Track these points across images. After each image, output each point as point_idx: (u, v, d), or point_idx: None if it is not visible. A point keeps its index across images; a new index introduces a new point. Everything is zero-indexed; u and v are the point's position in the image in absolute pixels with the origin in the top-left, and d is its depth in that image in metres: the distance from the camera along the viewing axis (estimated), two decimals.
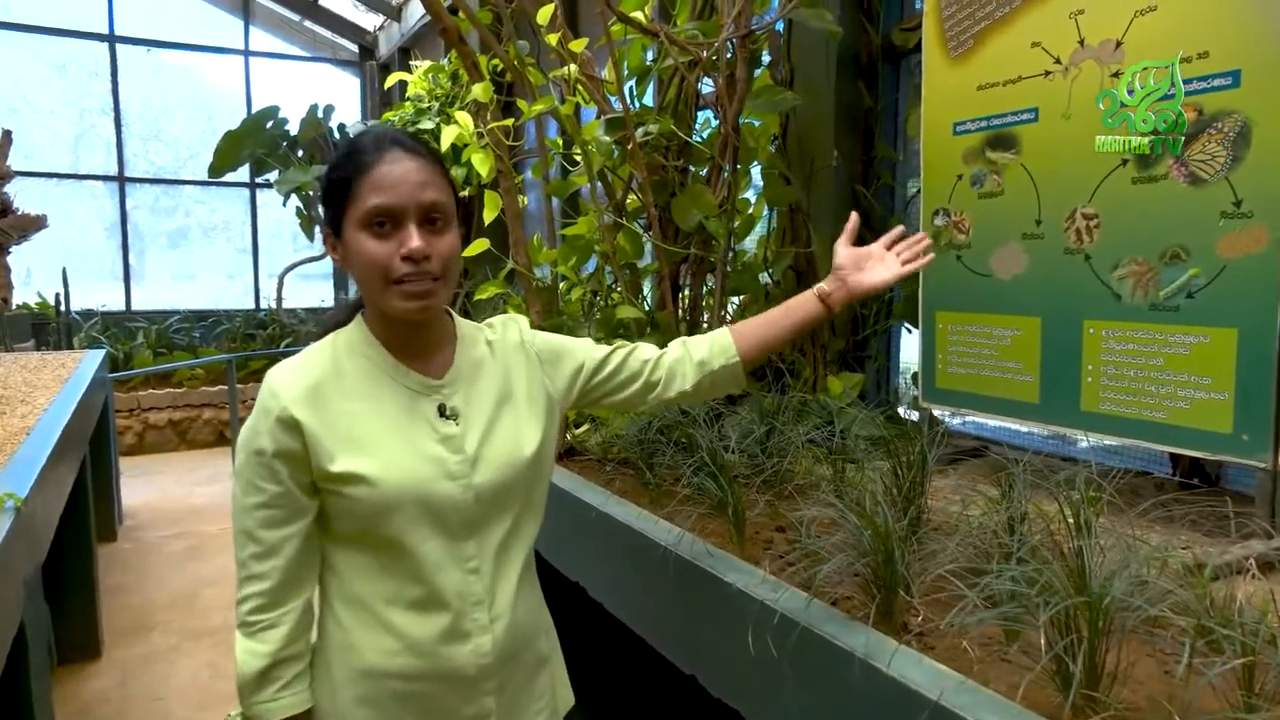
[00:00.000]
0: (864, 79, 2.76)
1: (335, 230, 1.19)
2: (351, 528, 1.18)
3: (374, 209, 1.12)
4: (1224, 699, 1.02)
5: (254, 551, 1.16)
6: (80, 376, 3.97)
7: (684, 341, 1.45)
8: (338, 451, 1.14)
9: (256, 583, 1.16)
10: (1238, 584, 1.15)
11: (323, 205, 1.21)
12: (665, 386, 1.42)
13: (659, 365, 1.43)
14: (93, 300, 8.60)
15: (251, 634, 1.16)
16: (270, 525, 1.15)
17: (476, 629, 1.20)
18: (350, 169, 1.15)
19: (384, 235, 1.13)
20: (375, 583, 1.19)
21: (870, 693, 1.18)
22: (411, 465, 1.17)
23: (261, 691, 1.16)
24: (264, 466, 1.14)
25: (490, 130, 2.43)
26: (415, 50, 8.61)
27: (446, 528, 1.19)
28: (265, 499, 1.15)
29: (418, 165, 1.15)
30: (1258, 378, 1.51)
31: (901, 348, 2.85)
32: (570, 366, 1.38)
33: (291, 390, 1.16)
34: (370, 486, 1.14)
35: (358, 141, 1.18)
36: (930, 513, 1.63)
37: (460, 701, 1.22)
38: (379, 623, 1.19)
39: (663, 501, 1.97)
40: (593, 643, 2.10)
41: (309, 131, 7.87)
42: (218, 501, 6.03)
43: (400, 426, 1.19)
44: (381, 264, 1.13)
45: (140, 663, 3.64)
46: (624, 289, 2.54)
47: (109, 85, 8.87)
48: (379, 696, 1.19)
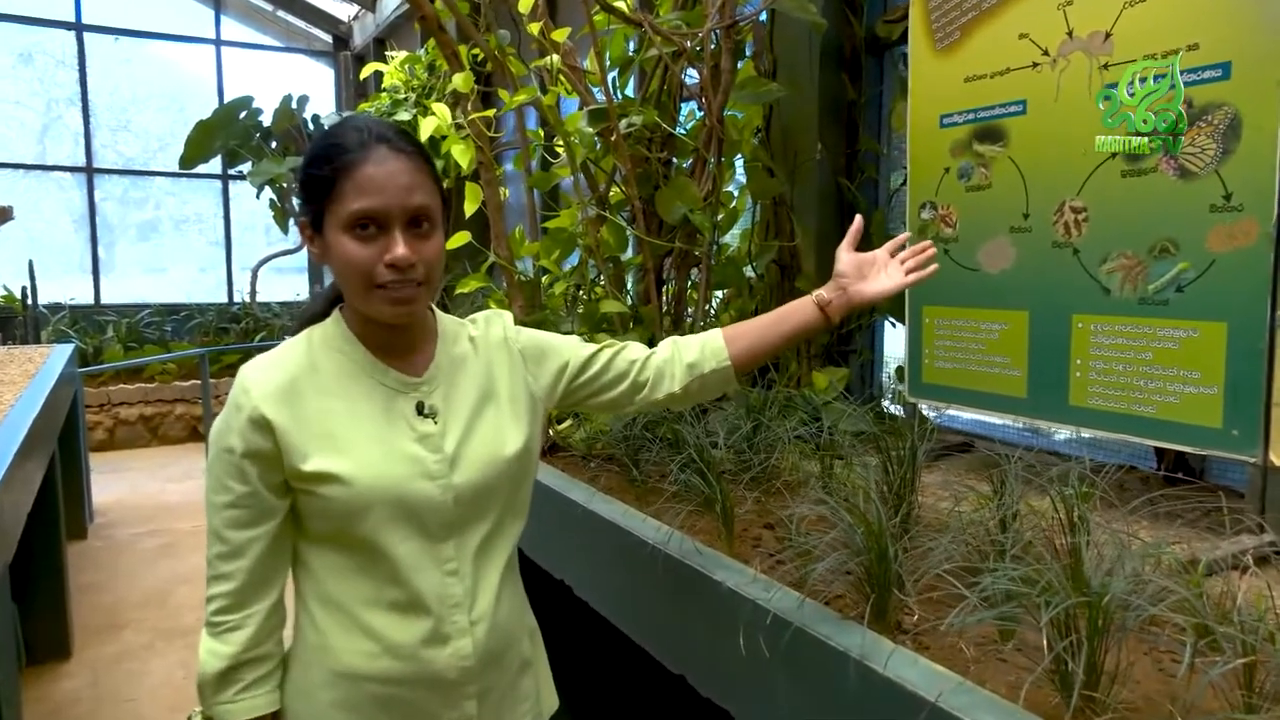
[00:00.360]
0: (848, 71, 2.74)
1: (315, 225, 1.13)
2: (326, 527, 1.15)
3: (358, 212, 1.08)
4: (1224, 698, 1.01)
5: (220, 551, 1.13)
6: (48, 371, 3.88)
7: (674, 341, 1.40)
8: (311, 450, 1.11)
9: (222, 583, 1.13)
10: (1233, 580, 1.14)
11: (301, 198, 1.16)
12: (653, 388, 1.37)
13: (647, 366, 1.37)
14: (60, 294, 8.43)
15: (215, 634, 1.13)
16: (236, 526, 1.12)
17: (456, 632, 1.17)
18: (333, 166, 1.09)
19: (367, 239, 1.09)
20: (351, 584, 1.16)
21: (866, 693, 1.17)
22: (387, 464, 1.13)
23: (222, 693, 1.13)
24: (232, 465, 1.11)
25: (471, 121, 2.38)
26: (391, 41, 8.50)
27: (424, 528, 1.15)
28: (232, 498, 1.11)
29: (404, 166, 1.10)
30: (1247, 372, 1.51)
31: (886, 342, 2.84)
32: (555, 365, 1.33)
33: (263, 387, 1.12)
34: (344, 486, 1.11)
35: (340, 135, 1.11)
36: (920, 509, 1.62)
37: (441, 706, 1.18)
38: (356, 625, 1.15)
39: (649, 499, 1.94)
40: (577, 642, 2.08)
41: (283, 123, 7.75)
42: (191, 498, 5.94)
43: (377, 425, 1.15)
44: (364, 269, 1.09)
45: (112, 662, 3.57)
46: (607, 283, 2.51)
47: (76, 75, 8.69)
48: (357, 700, 1.16)
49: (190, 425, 7.81)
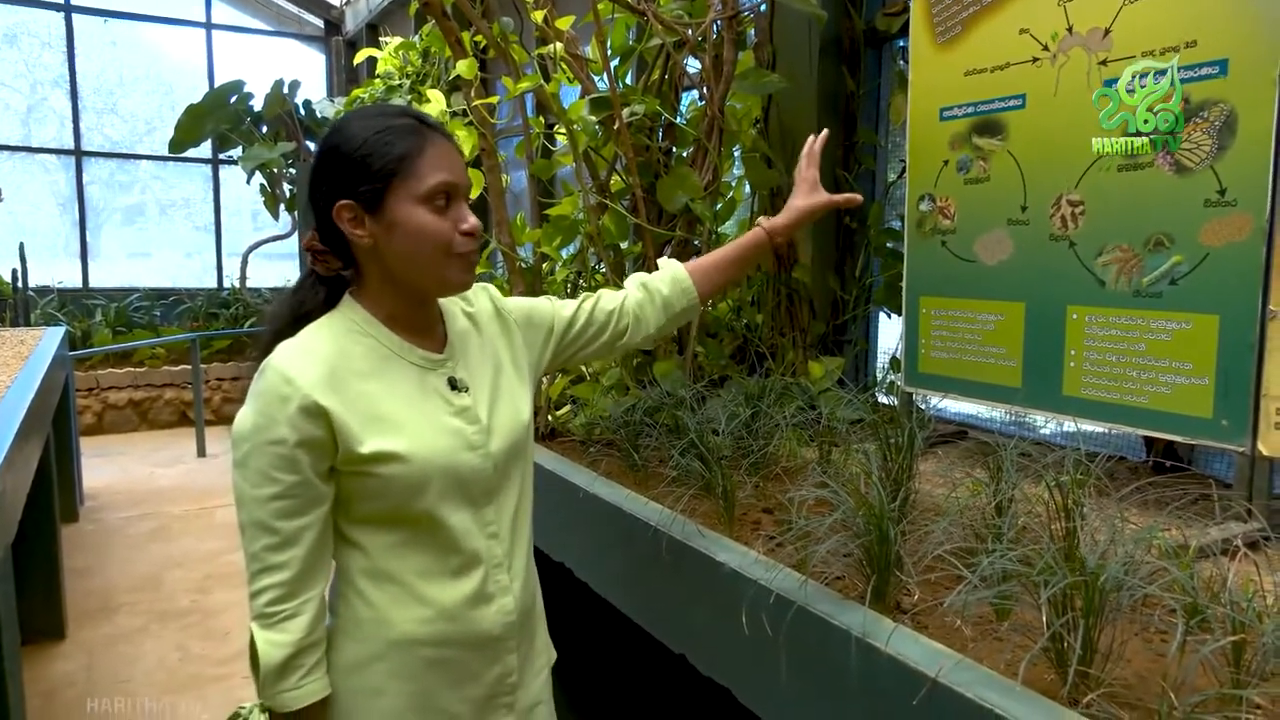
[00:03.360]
0: (846, 64, 2.77)
1: (369, 207, 1.16)
2: (379, 507, 1.18)
3: (440, 184, 1.16)
4: (1214, 676, 1.05)
5: (269, 543, 1.14)
6: (42, 353, 3.87)
7: (642, 283, 1.53)
8: (365, 433, 1.15)
9: (274, 574, 1.14)
10: (1223, 564, 1.18)
11: (346, 180, 1.16)
12: (633, 332, 1.50)
13: (624, 312, 1.50)
14: (47, 277, 8.37)
15: (271, 625, 1.15)
16: (287, 516, 1.14)
17: (499, 590, 1.26)
18: (403, 147, 1.15)
19: (442, 211, 1.17)
20: (406, 558, 1.21)
21: (867, 670, 1.20)
22: (436, 439, 1.19)
23: (285, 680, 1.15)
24: (281, 457, 1.12)
25: (475, 108, 2.39)
26: (384, 26, 8.46)
27: (470, 497, 1.23)
28: (281, 489, 1.13)
29: (456, 148, 1.22)
30: (1238, 364, 1.54)
31: (881, 333, 2.87)
32: (543, 330, 1.43)
33: (308, 375, 1.13)
34: (403, 464, 1.15)
35: (386, 120, 1.17)
36: (917, 495, 1.65)
37: (488, 662, 1.26)
38: (410, 595, 1.20)
39: (649, 483, 1.97)
40: (578, 624, 2.11)
41: (274, 108, 7.72)
42: (181, 483, 5.94)
43: (416, 403, 1.21)
44: (446, 238, 1.17)
45: (106, 644, 3.58)
46: (608, 270, 2.53)
47: (63, 57, 8.60)
48: (411, 667, 1.21)
49: (180, 410, 7.79)
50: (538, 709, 1.37)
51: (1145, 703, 1.04)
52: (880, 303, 2.73)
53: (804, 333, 2.74)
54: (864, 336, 2.85)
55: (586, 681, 2.41)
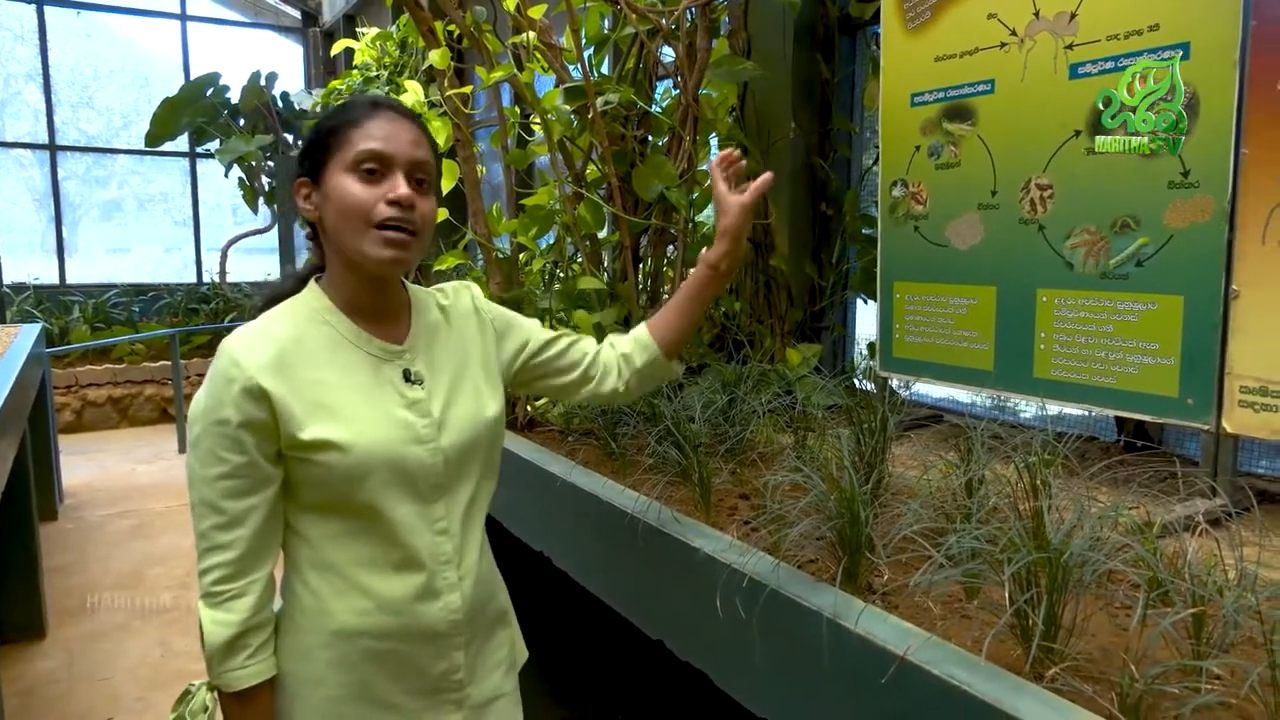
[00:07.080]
0: (821, 51, 2.77)
1: (313, 178, 1.19)
2: (322, 495, 1.18)
3: (366, 152, 1.15)
4: (1175, 649, 1.07)
5: (216, 522, 1.14)
6: (16, 350, 3.83)
7: (611, 342, 1.51)
8: (307, 419, 1.14)
9: (221, 553, 1.15)
10: (1187, 540, 1.20)
11: (302, 161, 1.22)
12: (600, 381, 1.47)
13: (597, 361, 1.48)
14: (22, 273, 8.28)
15: (217, 604, 1.16)
16: (234, 495, 1.14)
17: (447, 587, 1.24)
18: (343, 119, 1.18)
19: (371, 181, 1.16)
20: (348, 548, 1.20)
21: (838, 650, 1.21)
22: (381, 430, 1.18)
23: (231, 659, 1.16)
24: (227, 437, 1.13)
25: (448, 97, 2.38)
26: (361, 17, 8.39)
27: (417, 491, 1.21)
28: (228, 469, 1.13)
29: (409, 127, 1.20)
30: (1202, 343, 1.57)
31: (859, 319, 2.89)
32: (517, 341, 1.42)
33: (255, 359, 1.14)
34: (342, 453, 1.15)
35: (349, 102, 1.21)
36: (890, 478, 1.67)
37: (432, 657, 1.25)
38: (351, 586, 1.20)
39: (627, 471, 1.98)
40: (556, 611, 2.12)
41: (251, 100, 7.66)
42: (161, 480, 5.90)
43: (367, 392, 1.20)
44: (366, 206, 1.15)
45: (87, 642, 3.57)
46: (585, 260, 2.53)
47: (35, 50, 8.49)
48: (352, 658, 1.21)
49: (160, 406, 7.73)
50: (496, 703, 1.35)
51: (1108, 675, 1.06)
52: (857, 289, 2.74)
53: (782, 320, 2.76)
54: (841, 322, 2.87)
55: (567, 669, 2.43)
